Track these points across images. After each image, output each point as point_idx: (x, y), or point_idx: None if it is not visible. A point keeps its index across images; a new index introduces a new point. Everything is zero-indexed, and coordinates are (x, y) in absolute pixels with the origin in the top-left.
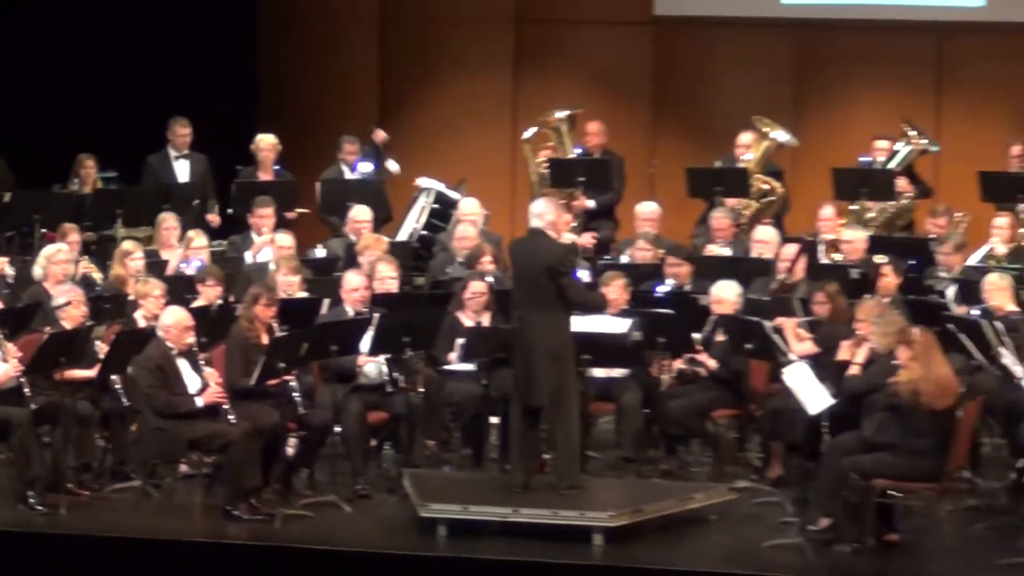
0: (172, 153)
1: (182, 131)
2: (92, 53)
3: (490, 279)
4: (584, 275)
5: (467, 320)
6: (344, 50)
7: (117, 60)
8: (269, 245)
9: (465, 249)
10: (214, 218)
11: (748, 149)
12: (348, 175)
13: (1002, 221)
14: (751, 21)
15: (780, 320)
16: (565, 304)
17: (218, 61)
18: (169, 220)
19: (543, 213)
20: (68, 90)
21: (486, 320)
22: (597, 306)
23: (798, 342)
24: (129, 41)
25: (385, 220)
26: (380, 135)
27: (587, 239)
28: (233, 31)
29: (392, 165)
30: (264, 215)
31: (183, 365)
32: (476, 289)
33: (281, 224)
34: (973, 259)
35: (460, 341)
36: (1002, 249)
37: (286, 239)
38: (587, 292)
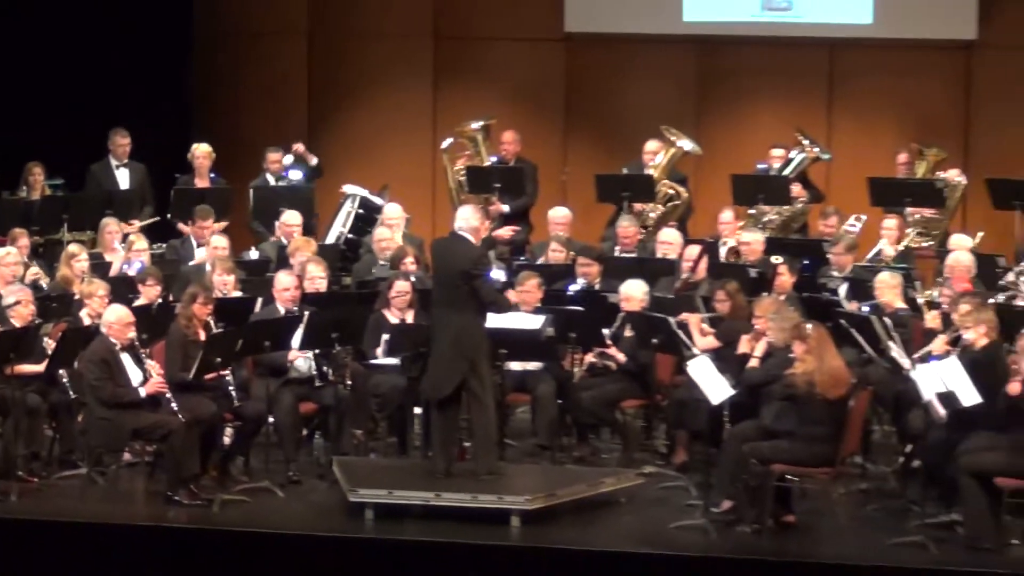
0: (113, 162)
1: (122, 141)
2: (39, 68)
3: (413, 279)
4: (500, 275)
5: (392, 317)
6: (275, 63)
7: (62, 74)
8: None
9: (384, 251)
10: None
11: (655, 156)
12: (272, 183)
13: (890, 223)
14: (656, 37)
15: (684, 316)
16: (478, 303)
17: (156, 74)
18: (111, 225)
19: (468, 219)
20: (16, 103)
21: (410, 317)
22: (505, 308)
23: (701, 337)
24: (73, 56)
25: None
26: (298, 147)
27: (506, 231)
28: (170, 46)
29: (312, 160)
30: (205, 226)
31: (126, 359)
32: (400, 288)
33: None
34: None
35: (385, 337)
36: (891, 251)
37: (221, 241)
38: (497, 294)
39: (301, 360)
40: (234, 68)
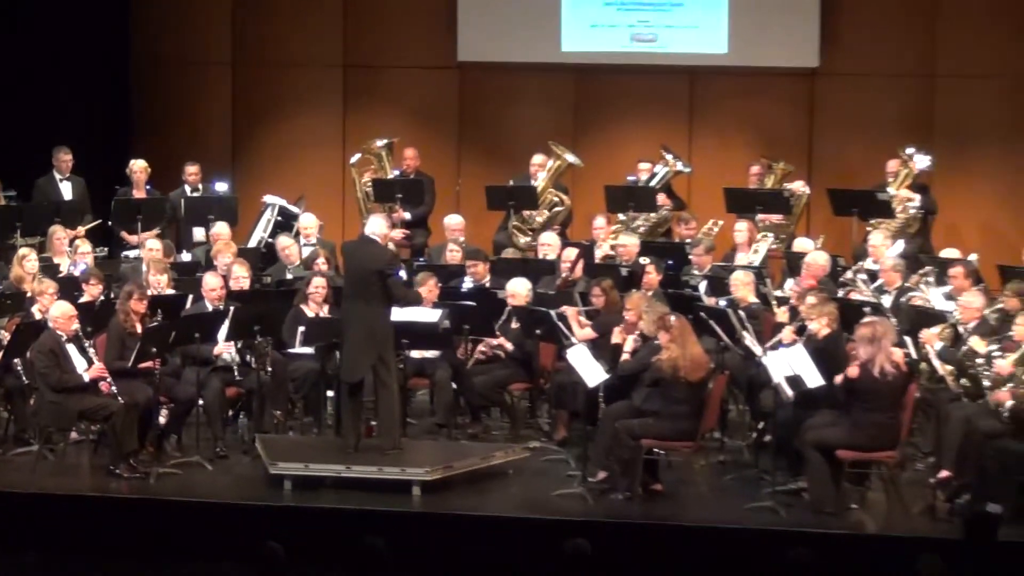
0: (57, 176)
1: (64, 157)
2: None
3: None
4: (402, 274)
5: (309, 311)
6: (203, 88)
7: (10, 97)
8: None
9: (288, 257)
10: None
11: (541, 168)
12: (188, 193)
13: (742, 227)
14: (538, 66)
15: (564, 309)
16: (386, 298)
17: (97, 97)
18: (59, 232)
19: (378, 226)
20: None
21: (324, 311)
22: (414, 301)
23: (579, 328)
24: (20, 81)
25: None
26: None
27: (396, 234)
28: (110, 72)
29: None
30: (141, 233)
31: (72, 349)
32: (317, 284)
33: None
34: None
35: (301, 329)
36: (745, 256)
37: (156, 243)
38: (407, 290)
39: (229, 348)
40: (167, 92)
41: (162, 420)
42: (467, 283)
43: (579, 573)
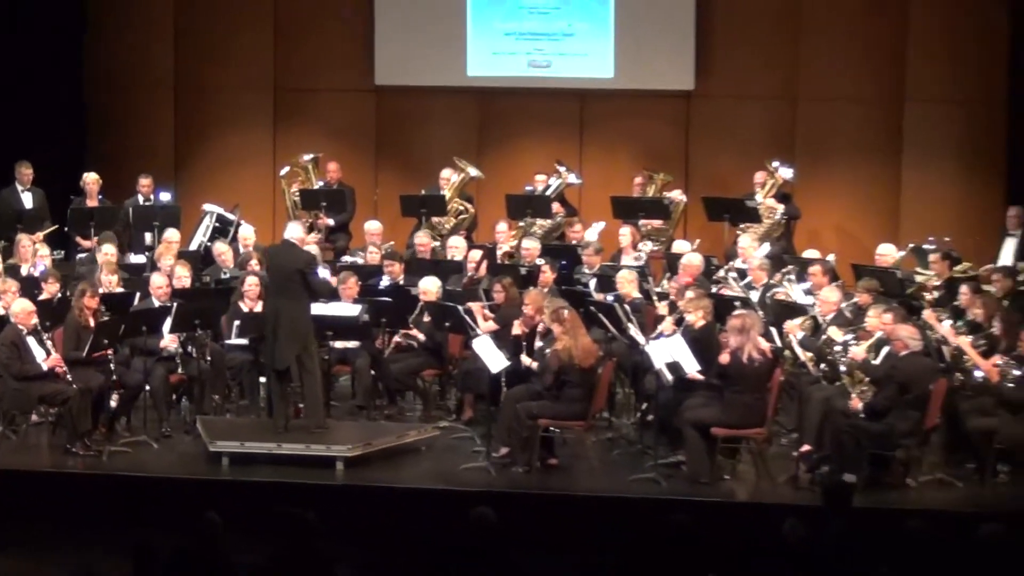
0: (19, 187)
1: (25, 171)
2: None
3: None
4: (325, 273)
5: (244, 307)
6: (149, 107)
7: None
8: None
9: (224, 262)
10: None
11: (448, 181)
12: (141, 202)
13: (627, 231)
14: (446, 89)
15: (470, 305)
16: (308, 294)
17: (53, 115)
18: (25, 239)
19: (297, 231)
20: None
21: (258, 307)
22: (330, 293)
23: (483, 321)
24: None
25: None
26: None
27: (312, 238)
28: (66, 92)
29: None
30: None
31: (32, 342)
32: (251, 283)
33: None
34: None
35: (237, 322)
36: (629, 256)
37: (110, 248)
38: (323, 283)
39: (173, 340)
40: (117, 112)
41: (113, 404)
42: (384, 281)
43: (484, 539)
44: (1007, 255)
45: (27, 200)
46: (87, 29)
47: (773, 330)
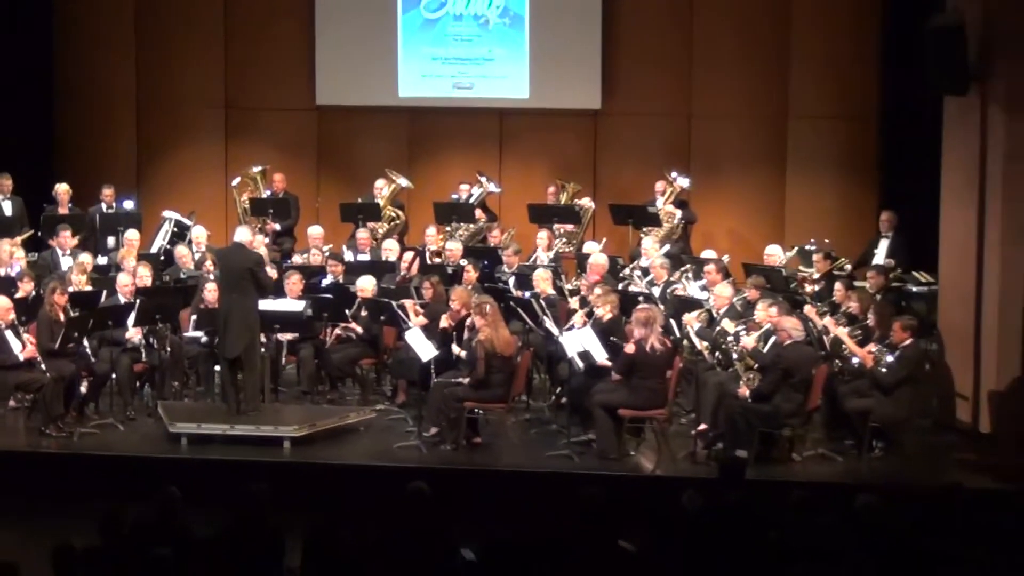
0: (0, 195)
1: (4, 182)
2: None
3: (212, 277)
4: (272, 272)
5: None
6: (113, 123)
7: None
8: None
9: (184, 263)
10: None
11: (382, 190)
12: (104, 210)
13: (542, 235)
14: (379, 108)
15: (404, 301)
16: (256, 290)
17: (28, 130)
18: (5, 244)
19: (245, 234)
20: None
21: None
22: (277, 290)
23: (415, 315)
24: None
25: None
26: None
27: (260, 241)
28: (37, 109)
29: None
30: (65, 237)
31: (9, 334)
32: (210, 288)
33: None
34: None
35: (194, 317)
36: (544, 257)
37: (87, 257)
38: (269, 279)
39: (134, 334)
40: (84, 125)
41: (83, 390)
42: (327, 280)
43: (418, 510)
44: (880, 255)
45: (7, 208)
46: (54, 49)
47: (673, 322)
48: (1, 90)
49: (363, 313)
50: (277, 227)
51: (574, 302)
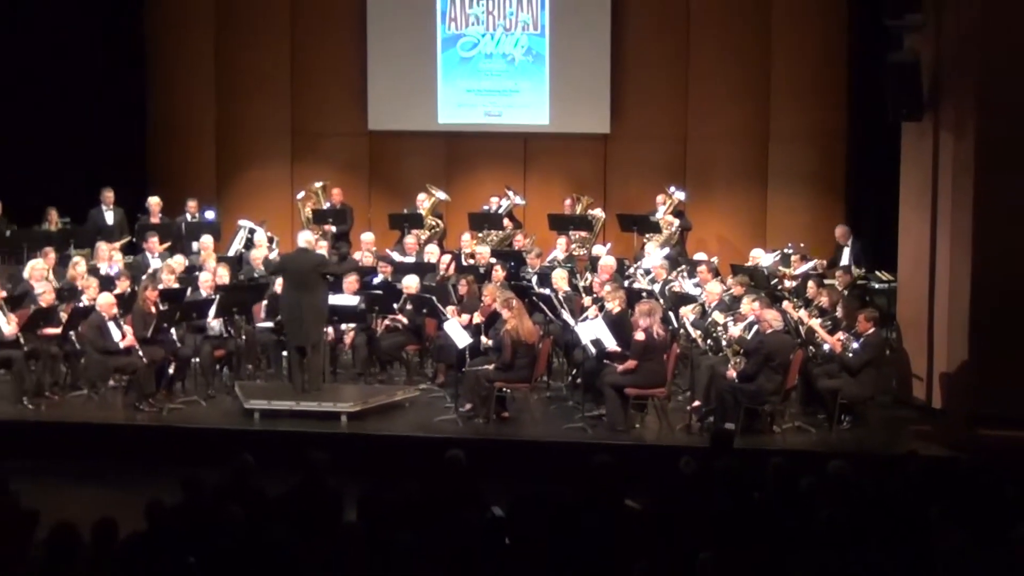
0: (104, 207)
1: (108, 195)
2: (57, 145)
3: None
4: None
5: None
6: (197, 146)
7: (69, 156)
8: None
9: (257, 264)
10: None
11: (424, 202)
12: (189, 219)
13: (560, 240)
14: (421, 132)
15: (449, 309)
16: (322, 287)
17: (126, 153)
18: (103, 247)
19: (309, 239)
20: (41, 168)
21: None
22: (351, 267)
23: (453, 315)
24: (73, 145)
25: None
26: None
27: (321, 244)
28: (133, 135)
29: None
30: (154, 243)
31: (111, 325)
32: (275, 284)
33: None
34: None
35: (265, 309)
36: (561, 256)
37: (179, 258)
38: (339, 265)
39: (215, 323)
40: (172, 148)
41: (171, 372)
42: (378, 278)
43: (454, 473)
44: (845, 259)
45: (109, 217)
46: (147, 86)
47: (671, 314)
48: (104, 121)
49: (408, 307)
50: (334, 229)
51: (588, 298)
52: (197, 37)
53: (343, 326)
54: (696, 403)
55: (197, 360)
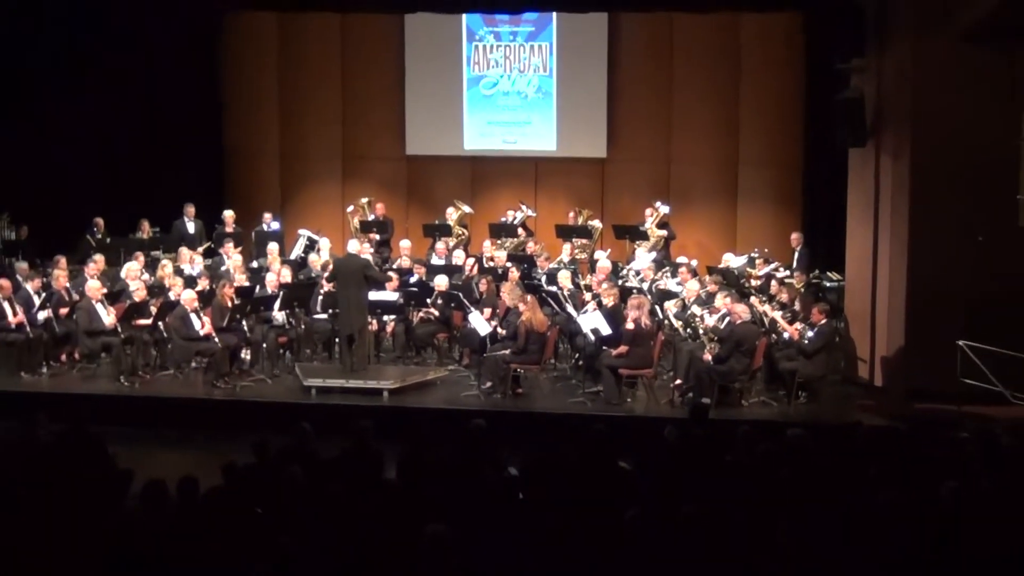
0: (186, 219)
1: (190, 209)
2: (150, 174)
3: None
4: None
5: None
6: (264, 168)
7: (160, 177)
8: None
9: (315, 266)
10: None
11: (453, 214)
12: (264, 228)
13: (566, 247)
14: (450, 157)
15: (473, 311)
16: (366, 285)
17: (205, 174)
18: (185, 252)
19: (355, 246)
20: (136, 189)
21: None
22: (384, 280)
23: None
24: (163, 167)
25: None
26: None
27: (367, 250)
28: (211, 159)
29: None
30: (228, 249)
31: (193, 316)
32: (327, 282)
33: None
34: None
35: (320, 303)
36: (565, 259)
37: (236, 258)
38: (380, 274)
39: (279, 315)
40: (244, 169)
41: (243, 355)
42: (414, 278)
43: (477, 439)
44: (796, 261)
45: (191, 227)
46: (222, 117)
47: (657, 308)
48: (187, 148)
49: (439, 301)
50: (377, 237)
51: (589, 295)
52: (263, 78)
53: (385, 317)
54: (678, 381)
55: (264, 345)
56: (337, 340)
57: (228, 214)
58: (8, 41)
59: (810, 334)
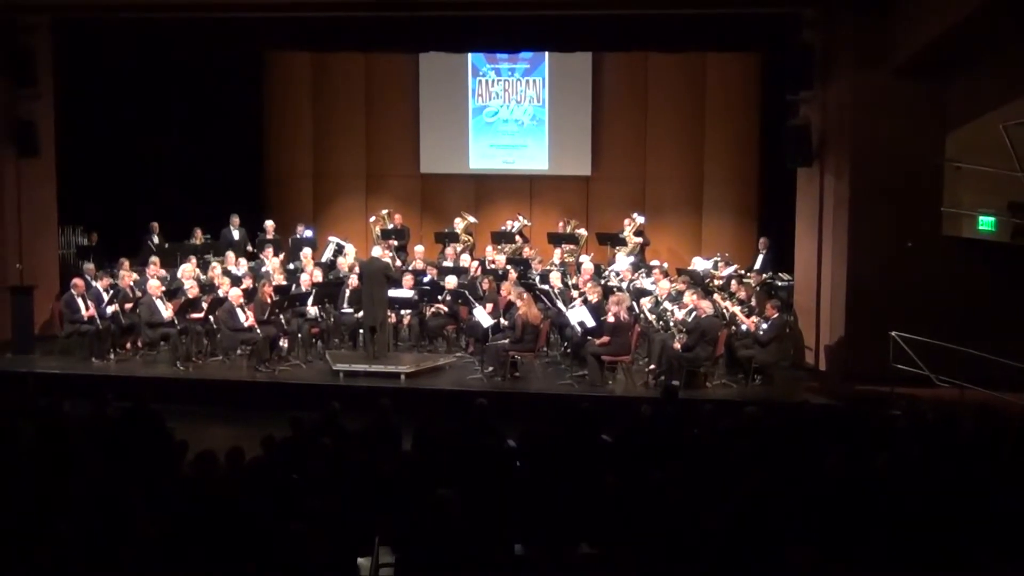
0: (232, 228)
1: (235, 219)
2: (202, 189)
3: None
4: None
5: (347, 290)
6: (298, 186)
7: (209, 193)
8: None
9: (342, 268)
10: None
11: (460, 223)
12: (299, 236)
13: (556, 252)
14: (458, 174)
15: (478, 306)
16: (386, 284)
17: (247, 189)
18: (231, 256)
19: (377, 250)
20: (194, 202)
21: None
22: (400, 280)
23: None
24: (211, 185)
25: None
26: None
27: (387, 254)
28: (253, 176)
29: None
30: (268, 254)
31: (238, 310)
32: (352, 283)
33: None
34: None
35: (347, 299)
36: (556, 262)
37: (275, 261)
38: (395, 274)
39: (312, 310)
40: (280, 187)
41: (281, 344)
42: (427, 278)
43: (481, 415)
44: (759, 262)
45: (236, 235)
46: (262, 140)
47: (634, 304)
48: (233, 167)
49: (448, 298)
50: (395, 242)
51: (576, 292)
52: (299, 106)
53: (402, 311)
54: (652, 367)
55: (299, 335)
56: (361, 331)
57: (269, 224)
58: (112, 98)
59: (764, 326)
